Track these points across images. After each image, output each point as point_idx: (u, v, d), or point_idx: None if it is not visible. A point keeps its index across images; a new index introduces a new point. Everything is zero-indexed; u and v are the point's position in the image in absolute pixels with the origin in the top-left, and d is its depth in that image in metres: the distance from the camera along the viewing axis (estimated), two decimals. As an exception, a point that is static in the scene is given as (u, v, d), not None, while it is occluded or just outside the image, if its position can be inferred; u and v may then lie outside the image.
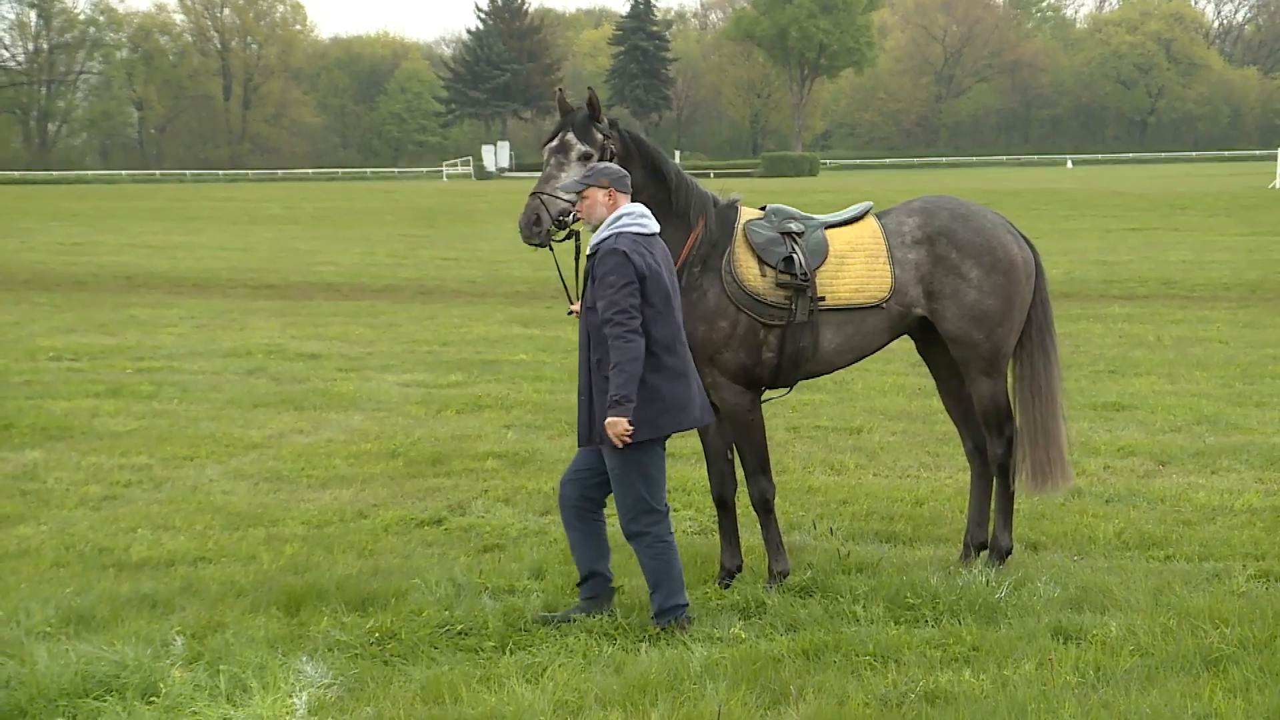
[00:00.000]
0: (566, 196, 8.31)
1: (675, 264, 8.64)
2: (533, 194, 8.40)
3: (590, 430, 8.02)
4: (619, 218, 7.96)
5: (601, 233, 7.95)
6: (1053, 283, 9.79)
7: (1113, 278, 28.90)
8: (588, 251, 8.04)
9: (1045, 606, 8.30)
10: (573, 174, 8.40)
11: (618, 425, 7.71)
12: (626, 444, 7.78)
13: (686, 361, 8.03)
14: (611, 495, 8.20)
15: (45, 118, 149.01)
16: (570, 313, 8.70)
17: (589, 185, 8.01)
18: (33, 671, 7.12)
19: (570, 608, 8.30)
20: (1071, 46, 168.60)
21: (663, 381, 7.87)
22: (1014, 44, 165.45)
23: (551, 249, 8.48)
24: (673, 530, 8.12)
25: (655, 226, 8.05)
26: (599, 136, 8.52)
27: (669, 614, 8.02)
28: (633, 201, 8.56)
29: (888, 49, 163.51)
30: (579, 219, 8.38)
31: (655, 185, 8.74)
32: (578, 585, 8.37)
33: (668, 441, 8.19)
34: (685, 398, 7.97)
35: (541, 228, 8.31)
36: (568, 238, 8.51)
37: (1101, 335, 20.56)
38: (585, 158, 8.45)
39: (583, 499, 8.26)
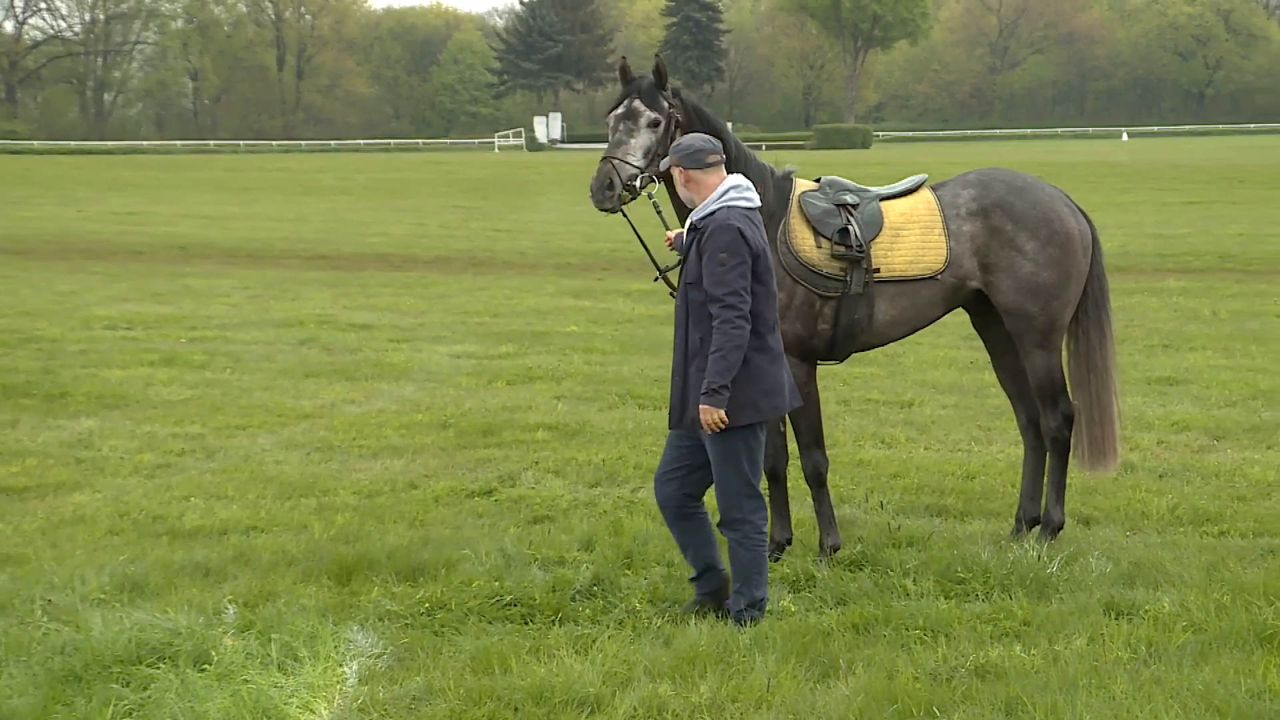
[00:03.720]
0: (637, 162, 8.31)
1: None
2: (604, 159, 8.42)
3: (683, 413, 7.75)
4: (726, 191, 7.72)
5: (709, 205, 7.70)
6: (1107, 256, 9.70)
7: (1168, 251, 28.65)
8: (691, 223, 7.82)
9: (1097, 582, 8.26)
10: (642, 140, 8.41)
11: (712, 414, 7.48)
12: (724, 429, 7.54)
13: (780, 343, 7.87)
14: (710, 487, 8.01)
15: (101, 88, 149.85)
16: (658, 279, 8.72)
17: (671, 165, 7.85)
18: (88, 638, 7.19)
19: (688, 602, 8.03)
20: (1128, 18, 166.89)
21: (766, 363, 7.66)
22: (1069, 15, 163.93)
23: (625, 214, 8.50)
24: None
25: (758, 200, 7.87)
26: (665, 104, 8.52)
27: (756, 608, 7.77)
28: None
29: (942, 20, 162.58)
30: (648, 185, 8.40)
31: (716, 155, 8.72)
32: (692, 580, 8.07)
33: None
34: (782, 380, 7.78)
35: (613, 192, 8.32)
36: (631, 200, 8.49)
37: (1156, 309, 20.40)
38: (654, 125, 8.47)
39: (683, 495, 7.96)
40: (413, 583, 8.41)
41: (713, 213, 7.66)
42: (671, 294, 8.88)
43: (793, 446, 9.24)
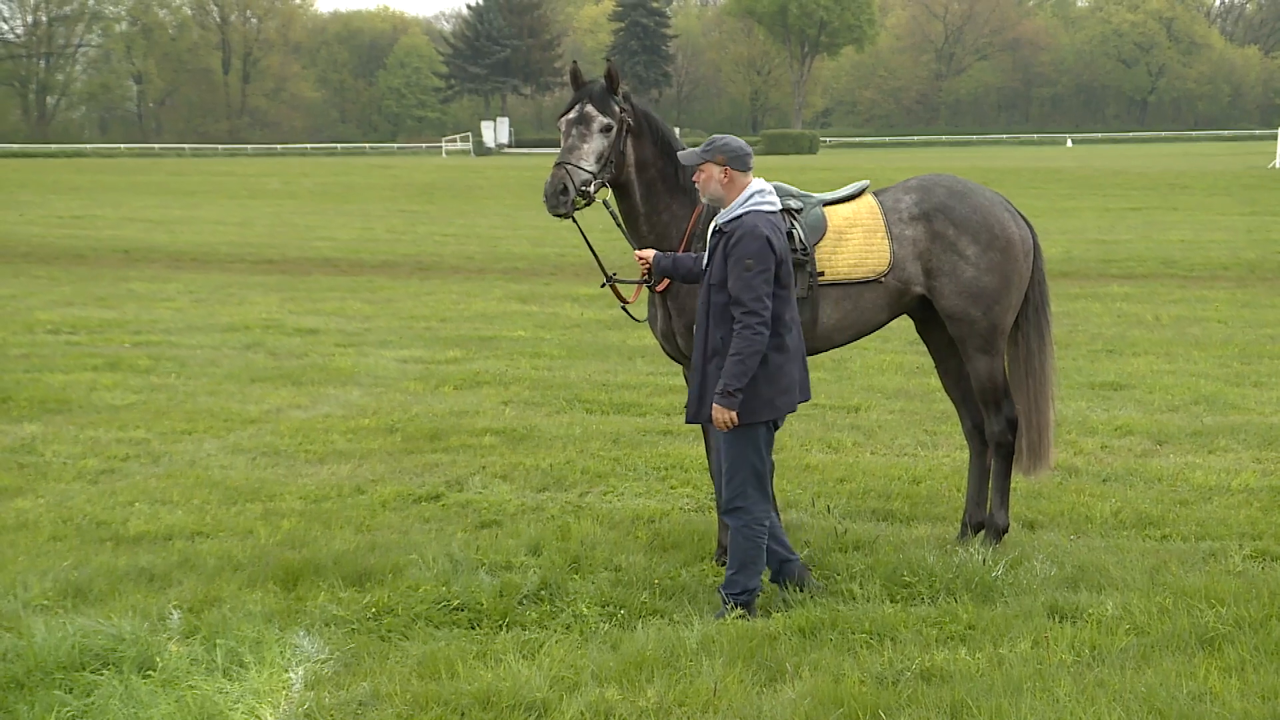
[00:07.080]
0: (590, 167, 8.33)
1: (682, 239, 8.68)
2: (557, 164, 8.41)
3: (700, 408, 7.94)
4: (750, 195, 7.88)
5: (735, 209, 7.85)
6: (1051, 262, 9.79)
7: (1111, 257, 28.87)
8: (715, 226, 7.95)
9: (1041, 585, 8.31)
10: (595, 145, 8.41)
11: (724, 414, 7.68)
12: (734, 425, 7.73)
13: (801, 340, 8.06)
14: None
15: (44, 91, 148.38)
16: (604, 285, 8.73)
17: (706, 160, 7.96)
18: (30, 644, 7.13)
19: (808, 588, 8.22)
20: (1072, 25, 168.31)
21: (783, 361, 7.85)
22: (1015, 22, 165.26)
23: (575, 221, 8.50)
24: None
25: (779, 204, 8.08)
26: (617, 109, 8.53)
27: (747, 594, 7.95)
28: (641, 176, 8.58)
29: (888, 26, 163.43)
30: (601, 190, 8.47)
31: (664, 160, 8.76)
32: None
33: (668, 422, 8.11)
34: (795, 379, 7.98)
35: (567, 197, 8.32)
36: (585, 206, 8.49)
37: (1100, 314, 20.54)
38: (606, 130, 8.47)
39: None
40: (359, 588, 8.39)
41: (739, 217, 7.83)
42: (622, 305, 8.88)
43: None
